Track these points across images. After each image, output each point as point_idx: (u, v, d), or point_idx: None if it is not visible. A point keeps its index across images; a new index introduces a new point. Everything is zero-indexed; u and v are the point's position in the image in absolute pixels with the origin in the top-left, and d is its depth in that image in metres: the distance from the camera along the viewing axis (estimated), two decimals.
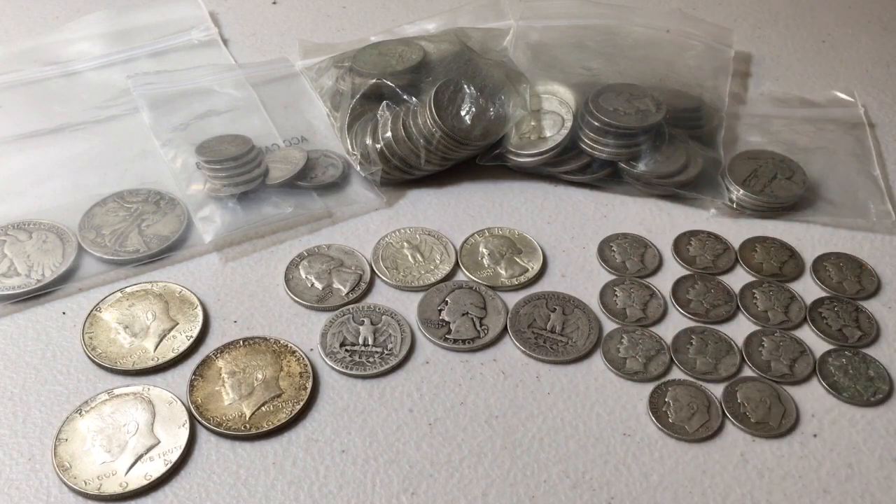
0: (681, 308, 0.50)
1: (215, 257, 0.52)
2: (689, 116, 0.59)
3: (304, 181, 0.55)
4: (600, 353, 0.47)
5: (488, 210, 0.56)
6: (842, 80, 0.69)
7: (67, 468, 0.40)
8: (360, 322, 0.48)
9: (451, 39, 0.62)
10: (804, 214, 0.56)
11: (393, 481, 0.41)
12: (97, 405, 0.43)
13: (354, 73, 0.59)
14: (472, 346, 0.47)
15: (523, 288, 0.51)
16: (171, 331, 0.47)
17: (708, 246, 0.53)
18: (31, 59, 0.66)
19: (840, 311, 0.50)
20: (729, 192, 0.56)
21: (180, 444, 0.41)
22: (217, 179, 0.54)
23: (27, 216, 0.52)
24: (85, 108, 0.62)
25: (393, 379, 0.45)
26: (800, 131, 0.62)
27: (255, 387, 0.44)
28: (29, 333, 0.47)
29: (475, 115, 0.55)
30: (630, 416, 0.44)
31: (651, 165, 0.55)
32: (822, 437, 0.44)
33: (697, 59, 0.66)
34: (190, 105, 0.60)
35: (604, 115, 0.55)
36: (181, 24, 0.70)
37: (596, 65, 0.63)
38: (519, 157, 0.56)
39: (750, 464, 0.42)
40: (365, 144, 0.56)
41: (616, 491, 0.41)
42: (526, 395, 0.45)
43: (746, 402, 0.45)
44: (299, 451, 0.42)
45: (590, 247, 0.54)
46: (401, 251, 0.52)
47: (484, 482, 0.41)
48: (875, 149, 0.61)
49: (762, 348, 0.47)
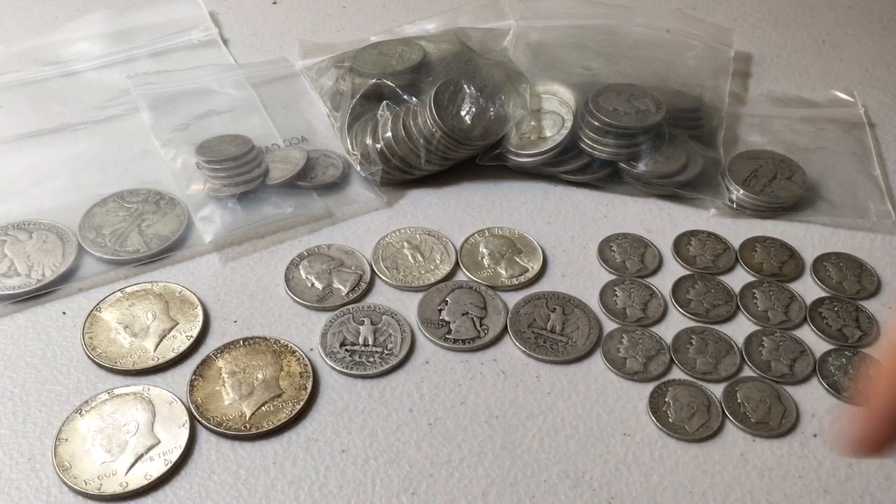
0: (681, 308, 0.50)
1: (215, 257, 0.52)
2: (689, 116, 0.59)
3: (304, 181, 0.55)
4: (600, 353, 0.47)
5: (488, 210, 0.56)
6: (842, 80, 0.69)
7: (67, 468, 0.40)
8: (360, 322, 0.48)
9: (451, 39, 0.62)
10: (804, 214, 0.56)
11: (393, 481, 0.41)
12: (97, 405, 0.43)
13: (354, 73, 0.59)
14: (472, 346, 0.47)
15: (523, 288, 0.51)
16: (171, 331, 0.47)
17: (708, 246, 0.53)
18: (31, 59, 0.66)
19: (840, 311, 0.50)
20: (729, 192, 0.56)
21: (180, 444, 0.41)
22: (217, 179, 0.54)
23: (27, 216, 0.52)
24: (85, 108, 0.62)
25: (393, 379, 0.45)
26: (800, 131, 0.62)
27: (255, 387, 0.44)
28: (29, 333, 0.47)
29: (475, 115, 0.55)
30: (630, 416, 0.44)
31: (651, 165, 0.55)
32: (822, 437, 0.44)
33: (697, 59, 0.66)
34: (190, 105, 0.60)
35: (604, 115, 0.55)
36: (181, 24, 0.70)
37: (596, 65, 0.63)
38: (519, 157, 0.56)
39: (750, 464, 0.42)
40: (365, 144, 0.56)
41: (616, 491, 0.41)
42: (526, 395, 0.45)
43: (746, 401, 0.45)
44: (299, 451, 0.42)
45: (590, 247, 0.54)
46: (401, 251, 0.52)
47: (484, 482, 0.41)
48: (875, 149, 0.61)
49: (762, 348, 0.47)
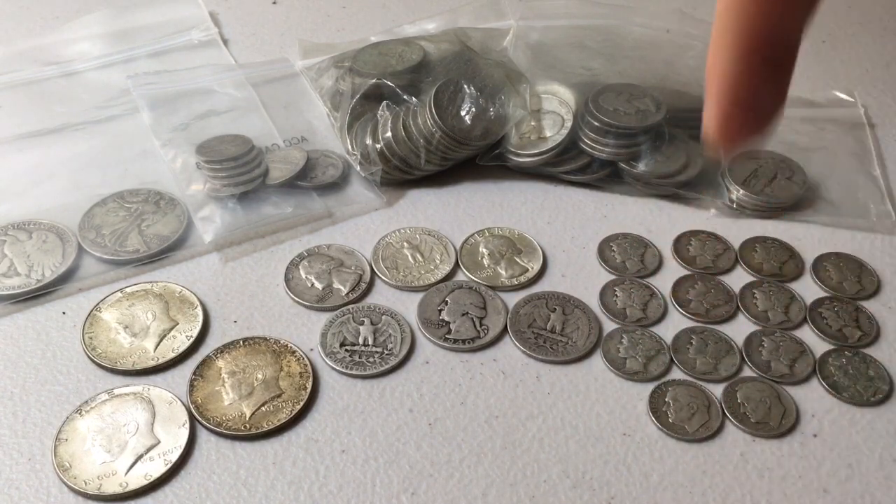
0: (681, 308, 0.50)
1: (215, 257, 0.52)
2: (689, 116, 0.59)
3: (304, 181, 0.55)
4: (600, 353, 0.47)
5: (488, 210, 0.56)
6: (842, 80, 0.69)
7: (67, 468, 0.40)
8: (360, 322, 0.48)
9: (451, 39, 0.62)
10: (804, 214, 0.56)
11: (393, 481, 0.41)
12: (97, 405, 0.43)
13: (354, 73, 0.59)
14: (472, 346, 0.47)
15: (523, 288, 0.51)
16: (171, 331, 0.47)
17: (708, 246, 0.53)
18: (31, 59, 0.66)
19: (840, 311, 0.50)
20: (729, 192, 0.56)
21: (180, 444, 0.41)
22: (217, 179, 0.54)
23: (27, 216, 0.52)
24: (85, 108, 0.62)
25: (393, 379, 0.45)
26: (800, 131, 0.62)
27: (255, 387, 0.44)
28: (29, 333, 0.47)
29: (475, 115, 0.55)
30: (630, 416, 0.44)
31: (651, 165, 0.55)
32: (822, 437, 0.44)
33: (697, 59, 0.65)
34: (190, 105, 0.60)
35: (604, 115, 0.55)
36: (181, 24, 0.70)
37: (596, 65, 0.63)
38: (519, 157, 0.56)
39: (750, 464, 0.42)
40: (365, 144, 0.56)
41: (616, 491, 0.41)
42: (526, 395, 0.45)
43: (746, 402, 0.45)
44: (299, 451, 0.42)
45: (590, 247, 0.54)
46: (401, 251, 0.52)
47: (484, 482, 0.41)
48: (875, 149, 0.61)
49: (762, 348, 0.47)
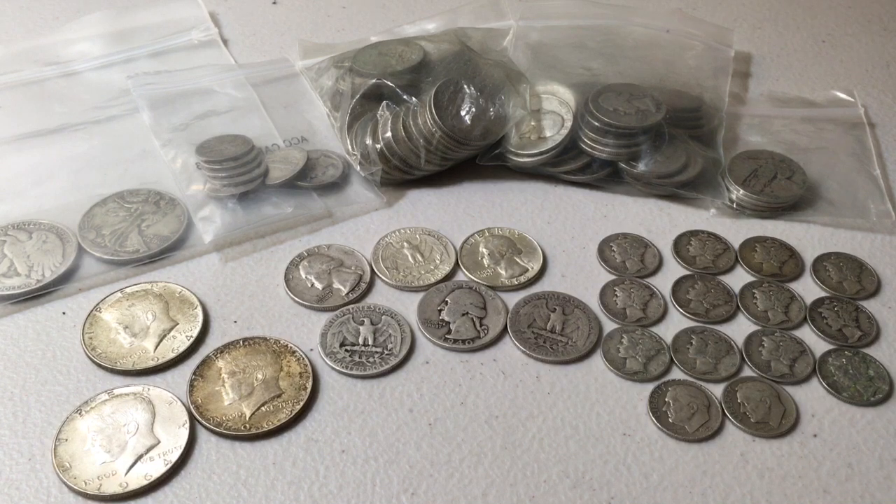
0: (681, 308, 0.50)
1: (215, 257, 0.52)
2: (689, 116, 0.59)
3: (304, 181, 0.55)
4: (600, 353, 0.47)
5: (488, 210, 0.56)
6: (842, 80, 0.69)
7: (67, 468, 0.40)
8: (360, 322, 0.48)
9: (451, 39, 0.62)
10: (804, 214, 0.56)
11: (393, 481, 0.41)
12: (97, 405, 0.43)
13: (354, 73, 0.59)
14: (472, 346, 0.47)
15: (523, 288, 0.51)
16: (171, 331, 0.47)
17: (708, 246, 0.53)
18: (31, 59, 0.66)
19: (840, 311, 0.50)
20: (729, 192, 0.56)
21: (180, 444, 0.41)
22: (217, 179, 0.54)
23: (27, 216, 0.52)
24: (85, 108, 0.62)
25: (393, 379, 0.45)
26: (800, 131, 0.62)
27: (255, 387, 0.44)
28: (29, 333, 0.47)
29: (475, 115, 0.55)
30: (630, 416, 0.44)
31: (651, 165, 0.55)
32: (822, 437, 0.44)
33: (697, 59, 0.66)
34: (190, 105, 0.60)
35: (604, 115, 0.55)
36: (181, 24, 0.70)
37: (596, 65, 0.63)
38: (519, 157, 0.56)
39: (750, 464, 0.42)
40: (365, 144, 0.56)
41: (616, 491, 0.41)
42: (526, 395, 0.45)
43: (746, 402, 0.45)
44: (299, 451, 0.42)
45: (590, 247, 0.54)
46: (401, 251, 0.52)
47: (484, 482, 0.41)
48: (875, 149, 0.61)
49: (762, 348, 0.47)
